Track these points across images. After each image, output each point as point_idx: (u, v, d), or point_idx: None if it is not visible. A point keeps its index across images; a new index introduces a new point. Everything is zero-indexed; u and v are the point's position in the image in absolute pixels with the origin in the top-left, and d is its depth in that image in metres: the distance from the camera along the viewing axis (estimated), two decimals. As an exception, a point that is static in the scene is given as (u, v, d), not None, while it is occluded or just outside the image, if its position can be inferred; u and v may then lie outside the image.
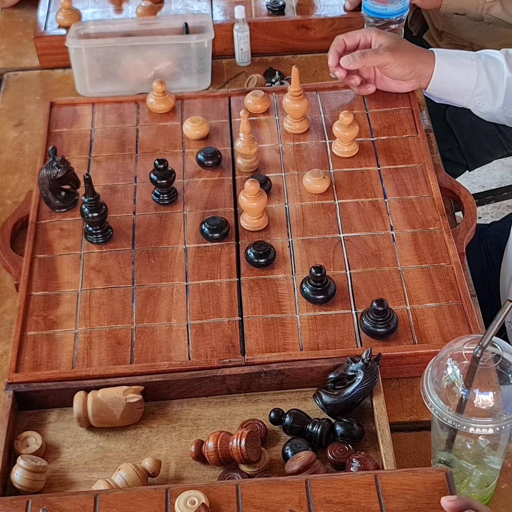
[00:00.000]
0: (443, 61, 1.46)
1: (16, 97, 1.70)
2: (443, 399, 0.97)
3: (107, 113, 1.58)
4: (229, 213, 1.38)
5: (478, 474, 1.03)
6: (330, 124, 1.50)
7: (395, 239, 1.33)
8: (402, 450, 1.12)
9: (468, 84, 1.46)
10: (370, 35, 1.49)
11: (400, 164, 1.45)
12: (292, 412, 1.13)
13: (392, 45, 1.47)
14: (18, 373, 1.18)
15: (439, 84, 1.48)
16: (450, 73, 1.46)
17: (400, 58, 1.46)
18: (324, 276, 1.24)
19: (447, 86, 1.48)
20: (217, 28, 1.70)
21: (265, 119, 1.55)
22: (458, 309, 1.23)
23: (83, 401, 1.13)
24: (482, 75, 1.45)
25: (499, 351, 0.97)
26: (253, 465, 1.07)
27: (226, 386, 1.16)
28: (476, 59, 1.46)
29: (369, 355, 1.12)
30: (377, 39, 1.48)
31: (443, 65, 1.46)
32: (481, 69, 1.45)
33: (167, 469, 1.11)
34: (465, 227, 1.36)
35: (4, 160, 1.57)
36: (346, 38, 1.50)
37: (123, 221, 1.38)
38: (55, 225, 1.38)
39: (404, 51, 1.47)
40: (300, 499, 0.97)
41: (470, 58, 1.47)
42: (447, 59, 1.46)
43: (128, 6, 1.83)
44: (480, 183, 2.86)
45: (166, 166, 1.38)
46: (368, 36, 1.49)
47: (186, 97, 1.60)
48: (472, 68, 1.46)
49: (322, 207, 1.39)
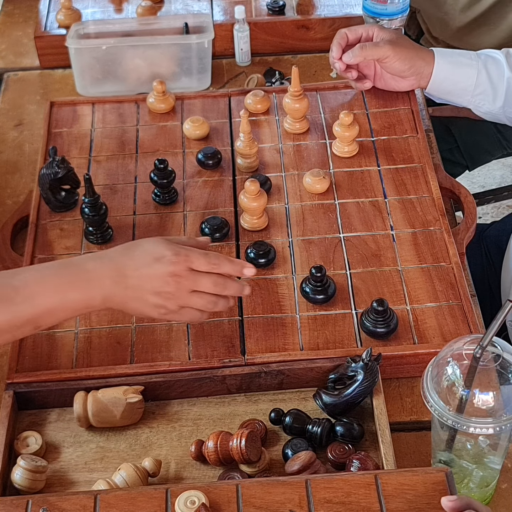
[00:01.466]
0: (443, 61, 1.46)
1: (16, 97, 1.70)
2: (443, 399, 0.97)
3: (107, 113, 1.57)
4: (229, 213, 1.38)
5: (478, 474, 1.03)
6: (330, 124, 1.50)
7: (395, 239, 1.33)
8: (402, 450, 1.12)
9: (468, 84, 1.46)
10: (372, 29, 1.50)
11: (400, 164, 1.45)
12: (292, 412, 1.13)
13: (393, 39, 1.47)
14: (18, 373, 1.18)
15: (439, 83, 1.48)
16: (450, 72, 1.46)
17: (400, 53, 1.46)
18: (324, 276, 1.24)
19: (446, 86, 1.48)
20: (217, 28, 1.70)
21: (265, 119, 1.55)
22: (458, 309, 1.23)
23: (83, 401, 1.13)
24: (482, 75, 1.45)
25: (499, 351, 0.97)
26: (253, 465, 1.07)
27: (226, 386, 1.16)
28: (476, 58, 1.46)
29: (369, 355, 1.12)
30: (379, 33, 1.49)
31: (442, 65, 1.46)
32: (481, 69, 1.45)
33: (167, 469, 1.11)
34: (465, 227, 1.36)
35: (4, 160, 1.57)
36: (348, 32, 1.51)
37: (123, 221, 1.38)
38: (55, 225, 1.38)
39: (405, 46, 1.48)
40: (300, 499, 0.97)
41: (470, 58, 1.46)
42: (446, 58, 1.46)
43: (128, 6, 1.83)
44: (480, 183, 2.86)
45: (166, 166, 1.38)
46: (370, 30, 1.50)
47: (186, 97, 1.60)
48: (472, 68, 1.45)
49: (322, 207, 1.39)
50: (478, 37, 1.86)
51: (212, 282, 1.13)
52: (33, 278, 1.09)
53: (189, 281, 1.12)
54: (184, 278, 1.11)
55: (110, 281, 1.10)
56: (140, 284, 1.10)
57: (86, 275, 1.09)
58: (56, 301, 1.07)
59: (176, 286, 1.11)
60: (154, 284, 1.11)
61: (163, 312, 1.13)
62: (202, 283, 1.13)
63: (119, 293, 1.10)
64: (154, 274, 1.11)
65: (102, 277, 1.10)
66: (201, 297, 1.13)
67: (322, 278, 1.23)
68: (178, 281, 1.11)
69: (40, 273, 1.10)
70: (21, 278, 1.08)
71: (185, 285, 1.12)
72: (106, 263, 1.11)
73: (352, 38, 1.51)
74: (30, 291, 1.07)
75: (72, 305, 1.09)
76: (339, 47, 1.50)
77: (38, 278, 1.09)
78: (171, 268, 1.11)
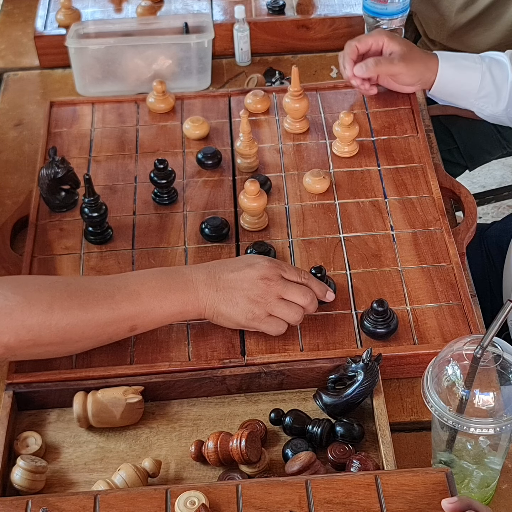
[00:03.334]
0: (447, 65, 1.46)
1: (16, 97, 1.70)
2: (444, 399, 0.97)
3: (107, 113, 1.57)
4: (229, 213, 1.38)
5: (479, 475, 1.03)
6: (330, 124, 1.50)
7: (395, 239, 1.33)
8: (402, 450, 1.12)
9: (472, 87, 1.46)
10: (382, 39, 1.48)
11: (400, 164, 1.45)
12: (292, 413, 1.13)
13: (405, 53, 1.46)
14: (18, 373, 1.17)
15: (443, 86, 1.48)
16: (454, 76, 1.46)
17: (412, 69, 1.46)
18: (324, 276, 1.24)
19: (450, 88, 1.48)
20: (217, 27, 1.70)
21: (265, 119, 1.55)
22: (458, 309, 1.23)
23: (83, 401, 1.13)
24: (486, 78, 1.45)
25: (499, 351, 0.97)
26: (253, 465, 1.07)
27: (226, 386, 1.16)
28: (480, 62, 1.46)
29: (369, 356, 1.12)
30: (389, 44, 1.47)
31: (446, 69, 1.46)
32: (485, 72, 1.45)
33: (167, 470, 1.10)
34: (465, 227, 1.36)
35: (4, 160, 1.57)
36: (359, 44, 1.49)
37: (123, 221, 1.38)
38: (55, 225, 1.38)
39: (416, 59, 1.47)
40: (300, 499, 0.97)
41: (474, 61, 1.46)
42: (450, 62, 1.46)
43: (128, 6, 1.83)
44: (480, 183, 2.86)
45: (166, 166, 1.38)
46: (380, 41, 1.48)
47: (186, 97, 1.59)
48: (476, 71, 1.45)
49: (322, 207, 1.39)
50: (474, 38, 1.86)
51: (302, 291, 1.17)
52: (134, 280, 1.16)
53: (279, 286, 1.16)
54: (274, 283, 1.15)
55: (203, 284, 1.15)
56: (230, 286, 1.15)
57: (182, 278, 1.16)
58: (155, 302, 1.13)
59: (266, 289, 1.15)
60: (245, 286, 1.15)
61: (251, 317, 1.16)
62: (291, 290, 1.16)
63: (211, 295, 1.15)
64: (245, 277, 1.16)
65: (197, 280, 1.16)
66: (288, 305, 1.16)
67: (322, 278, 1.23)
68: (268, 284, 1.15)
69: (140, 277, 1.17)
70: (122, 279, 1.16)
71: (275, 289, 1.15)
72: (201, 268, 1.18)
73: (363, 50, 1.49)
74: (131, 291, 1.14)
75: (169, 307, 1.15)
76: (351, 63, 1.48)
77: (138, 280, 1.16)
78: (262, 272, 1.16)
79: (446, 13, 1.86)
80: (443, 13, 1.86)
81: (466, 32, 1.86)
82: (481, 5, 1.81)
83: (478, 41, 1.85)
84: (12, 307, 1.09)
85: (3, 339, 1.09)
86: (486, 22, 1.83)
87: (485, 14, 1.82)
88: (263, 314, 1.16)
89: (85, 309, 1.11)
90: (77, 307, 1.11)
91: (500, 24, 1.82)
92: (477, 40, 1.85)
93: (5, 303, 1.09)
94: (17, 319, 1.09)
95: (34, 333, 1.10)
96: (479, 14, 1.82)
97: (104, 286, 1.15)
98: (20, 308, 1.09)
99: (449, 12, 1.85)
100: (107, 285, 1.15)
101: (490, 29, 1.83)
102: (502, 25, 1.82)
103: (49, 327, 1.10)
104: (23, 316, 1.09)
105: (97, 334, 1.13)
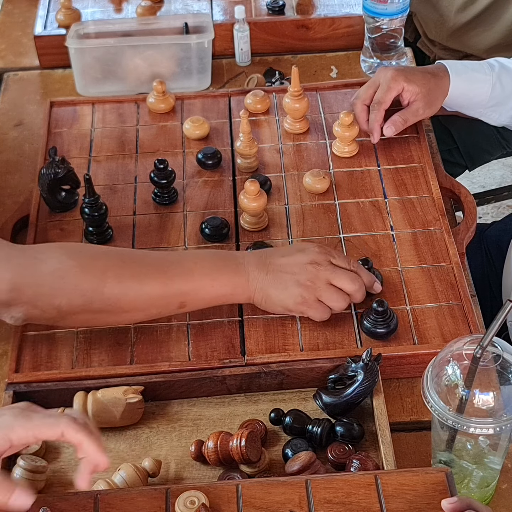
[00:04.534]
0: (457, 78, 1.44)
1: (16, 97, 1.70)
2: (443, 399, 0.97)
3: (107, 113, 1.57)
4: (229, 214, 1.38)
5: (479, 474, 1.03)
6: (330, 124, 1.50)
7: (395, 239, 1.33)
8: (402, 450, 1.12)
9: (482, 98, 1.46)
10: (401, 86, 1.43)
11: (400, 164, 1.45)
12: (292, 412, 1.13)
13: (426, 98, 1.43)
14: (18, 373, 1.18)
15: (453, 99, 1.46)
16: (464, 90, 1.45)
17: (436, 109, 1.46)
18: (371, 268, 1.25)
19: (461, 101, 1.47)
20: (217, 28, 1.70)
21: (265, 119, 1.55)
22: (458, 309, 1.23)
23: (83, 401, 1.13)
24: (496, 88, 1.45)
25: (499, 351, 0.97)
26: (253, 465, 1.07)
27: (226, 386, 1.16)
28: (490, 72, 1.45)
29: (369, 355, 1.12)
30: (408, 89, 1.43)
31: (457, 82, 1.44)
32: (495, 83, 1.44)
33: (167, 469, 1.10)
34: (465, 227, 1.36)
35: (4, 160, 1.57)
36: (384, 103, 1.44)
37: (123, 221, 1.38)
38: (55, 225, 1.38)
39: (436, 97, 1.45)
40: (300, 499, 0.97)
41: (484, 73, 1.45)
42: (461, 75, 1.44)
43: (128, 6, 1.83)
44: (480, 183, 2.86)
45: (166, 166, 1.38)
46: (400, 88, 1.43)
47: (186, 97, 1.60)
48: (486, 83, 1.44)
49: (322, 207, 1.39)
50: (473, 38, 1.86)
51: (351, 277, 1.18)
52: (188, 257, 1.19)
53: (328, 271, 1.17)
54: (323, 268, 1.17)
55: (254, 267, 1.17)
56: (280, 270, 1.17)
57: (235, 261, 1.18)
58: (206, 280, 1.15)
59: (315, 273, 1.16)
60: (294, 270, 1.17)
61: (300, 301, 1.17)
62: (340, 276, 1.17)
63: (261, 278, 1.16)
64: (294, 261, 1.17)
65: (248, 264, 1.17)
66: (337, 291, 1.18)
67: (368, 270, 1.23)
68: (317, 268, 1.17)
69: (194, 255, 1.20)
70: (176, 255, 1.21)
71: (324, 274, 1.17)
72: (253, 253, 1.22)
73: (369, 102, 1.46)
74: (184, 267, 1.15)
75: (220, 287, 1.16)
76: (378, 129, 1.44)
77: (192, 258, 1.18)
78: (312, 257, 1.17)
79: (446, 13, 1.86)
80: (443, 13, 1.86)
81: (465, 32, 1.86)
82: (481, 5, 1.81)
83: (478, 41, 1.85)
84: (66, 270, 1.09)
85: (55, 302, 1.10)
86: (486, 22, 1.83)
87: (485, 14, 1.82)
88: (312, 298, 1.17)
89: (138, 280, 1.12)
90: (129, 277, 1.12)
91: (500, 24, 1.82)
92: (477, 40, 1.85)
93: (59, 266, 1.10)
94: (70, 282, 1.09)
95: (86, 299, 1.10)
96: (479, 14, 1.82)
97: (157, 260, 1.16)
98: (74, 272, 1.10)
99: (449, 12, 1.85)
100: (161, 260, 1.16)
101: (489, 29, 1.83)
102: (502, 25, 1.82)
103: (101, 293, 1.11)
104: (76, 280, 1.10)
105: (147, 307, 1.14)
